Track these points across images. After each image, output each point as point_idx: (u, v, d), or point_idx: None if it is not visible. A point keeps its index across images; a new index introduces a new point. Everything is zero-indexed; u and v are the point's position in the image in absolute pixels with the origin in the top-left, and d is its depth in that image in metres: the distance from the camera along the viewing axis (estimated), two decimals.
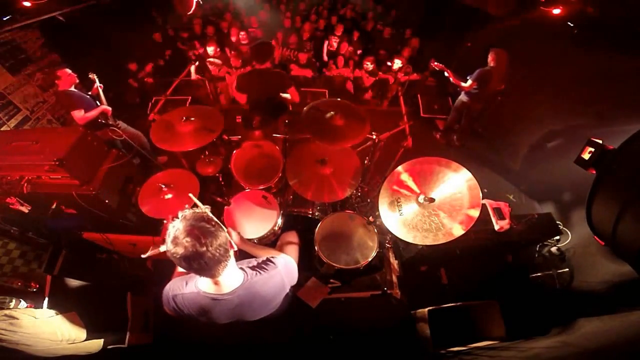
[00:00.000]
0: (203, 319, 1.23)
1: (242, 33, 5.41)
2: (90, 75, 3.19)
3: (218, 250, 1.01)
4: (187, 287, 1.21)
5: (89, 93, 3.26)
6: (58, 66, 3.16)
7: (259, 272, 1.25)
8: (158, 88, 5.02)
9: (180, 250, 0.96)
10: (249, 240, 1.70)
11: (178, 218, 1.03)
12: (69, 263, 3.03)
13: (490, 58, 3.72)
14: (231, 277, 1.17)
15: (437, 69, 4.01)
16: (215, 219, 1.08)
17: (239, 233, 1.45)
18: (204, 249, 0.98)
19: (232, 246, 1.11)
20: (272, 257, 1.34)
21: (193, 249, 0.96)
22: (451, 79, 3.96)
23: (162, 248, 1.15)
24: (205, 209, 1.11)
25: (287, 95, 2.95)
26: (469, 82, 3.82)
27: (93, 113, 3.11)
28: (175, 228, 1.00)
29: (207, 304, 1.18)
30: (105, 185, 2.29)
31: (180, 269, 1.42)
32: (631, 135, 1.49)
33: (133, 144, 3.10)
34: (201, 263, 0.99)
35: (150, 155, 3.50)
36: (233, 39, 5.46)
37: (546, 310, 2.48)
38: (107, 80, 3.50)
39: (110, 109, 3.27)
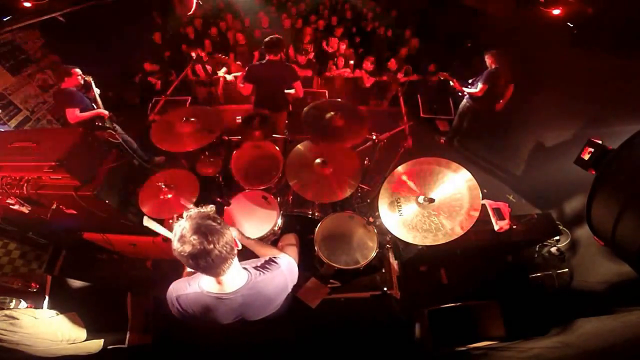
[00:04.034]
0: (206, 319, 1.23)
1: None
2: (87, 78, 3.19)
3: (225, 248, 1.03)
4: (191, 288, 1.22)
5: (87, 96, 3.27)
6: (65, 65, 3.17)
7: (262, 272, 1.26)
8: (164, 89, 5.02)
9: (187, 249, 0.97)
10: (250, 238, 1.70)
11: (183, 217, 1.04)
12: (69, 263, 3.05)
13: (490, 61, 3.65)
14: (235, 277, 1.18)
15: (442, 78, 4.02)
16: (220, 218, 1.09)
17: (238, 230, 1.47)
18: (211, 246, 0.99)
19: (236, 244, 1.12)
20: (275, 257, 1.35)
21: (200, 247, 0.97)
22: (457, 88, 3.94)
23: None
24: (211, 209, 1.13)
25: (291, 91, 3.08)
26: (480, 86, 3.69)
27: (87, 114, 3.14)
28: (182, 227, 1.00)
29: (211, 303, 1.19)
30: (105, 186, 2.29)
31: (188, 269, 1.43)
32: (631, 135, 1.50)
33: (127, 148, 3.12)
34: (208, 261, 1.00)
35: (143, 159, 3.53)
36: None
37: (546, 310, 2.49)
38: (107, 80, 3.50)
39: (107, 113, 3.29)
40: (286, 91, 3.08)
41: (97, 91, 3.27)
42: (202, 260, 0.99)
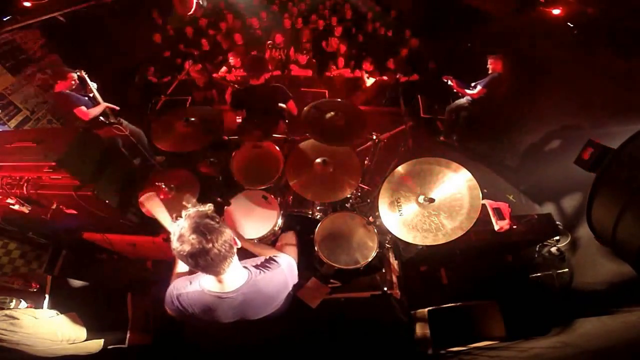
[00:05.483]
0: (207, 318, 1.23)
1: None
2: (79, 73, 3.11)
3: (223, 247, 1.03)
4: (192, 286, 1.22)
5: (86, 94, 3.25)
6: (61, 67, 3.14)
7: (262, 270, 1.26)
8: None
9: (187, 248, 0.98)
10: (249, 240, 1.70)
11: (182, 217, 1.04)
12: (69, 263, 3.05)
13: (493, 65, 3.67)
14: (235, 275, 1.18)
15: (447, 80, 4.04)
16: (218, 217, 1.09)
17: (237, 232, 1.46)
18: (210, 245, 0.99)
19: (235, 242, 1.13)
20: (275, 256, 1.35)
21: (199, 246, 0.98)
22: (455, 89, 3.96)
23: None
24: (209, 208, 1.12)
25: (283, 106, 2.88)
26: (478, 88, 3.73)
27: (98, 109, 3.12)
28: (181, 226, 1.01)
29: (212, 302, 1.19)
30: (105, 186, 2.29)
31: (178, 269, 1.43)
32: (631, 135, 1.50)
33: (134, 140, 3.09)
34: (207, 259, 1.00)
35: (149, 153, 3.50)
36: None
37: (546, 310, 2.48)
38: (107, 80, 3.49)
39: (114, 105, 3.28)
40: (280, 104, 2.84)
41: (94, 86, 3.22)
42: (201, 259, 1.00)
